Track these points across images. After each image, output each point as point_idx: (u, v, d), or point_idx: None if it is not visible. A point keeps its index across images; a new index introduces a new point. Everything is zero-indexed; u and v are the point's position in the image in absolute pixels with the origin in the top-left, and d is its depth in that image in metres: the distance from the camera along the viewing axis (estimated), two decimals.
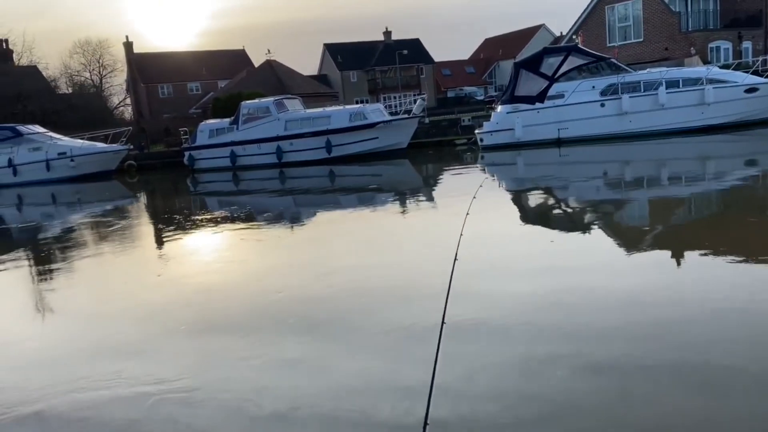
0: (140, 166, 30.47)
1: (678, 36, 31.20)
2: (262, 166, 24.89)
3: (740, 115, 20.08)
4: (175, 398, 3.82)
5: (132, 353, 4.73)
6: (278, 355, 4.39)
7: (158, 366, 4.38)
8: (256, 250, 8.75)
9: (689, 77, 20.50)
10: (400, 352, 4.14)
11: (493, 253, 6.76)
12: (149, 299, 6.33)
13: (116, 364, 4.48)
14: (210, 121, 28.45)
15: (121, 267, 8.40)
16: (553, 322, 4.50)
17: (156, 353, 4.70)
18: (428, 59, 61.14)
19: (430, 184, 16.30)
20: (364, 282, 6.10)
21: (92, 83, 60.63)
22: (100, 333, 5.39)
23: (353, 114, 24.55)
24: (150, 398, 3.84)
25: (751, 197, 9.91)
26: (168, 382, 4.04)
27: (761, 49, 32.32)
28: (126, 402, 3.84)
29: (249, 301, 5.87)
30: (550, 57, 21.34)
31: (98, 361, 4.63)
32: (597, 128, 20.75)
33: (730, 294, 4.85)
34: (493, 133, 22.38)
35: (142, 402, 3.81)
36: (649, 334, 4.15)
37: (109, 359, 4.63)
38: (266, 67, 45.14)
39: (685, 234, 7.54)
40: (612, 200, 10.73)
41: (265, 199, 16.11)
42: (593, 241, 7.51)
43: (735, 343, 3.87)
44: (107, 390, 4.03)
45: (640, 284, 5.30)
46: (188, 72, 55.50)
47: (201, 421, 3.53)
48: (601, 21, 34.00)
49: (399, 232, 9.04)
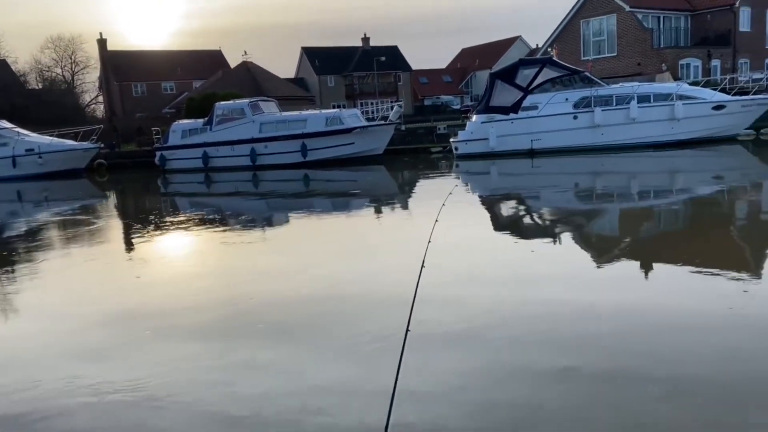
0: (111, 165, 29.96)
1: (650, 52, 31.87)
2: (236, 169, 24.67)
3: (708, 131, 20.56)
4: (143, 404, 3.73)
5: (96, 357, 4.62)
6: (247, 360, 4.32)
7: (124, 370, 4.28)
8: (226, 254, 8.64)
9: (660, 93, 20.92)
10: (366, 358, 4.13)
11: (460, 261, 6.79)
12: (115, 302, 6.20)
13: (80, 368, 4.37)
14: (183, 121, 28.12)
15: (87, 269, 8.22)
16: (519, 331, 4.53)
17: (121, 357, 4.59)
18: (406, 67, 61.39)
19: (403, 191, 16.33)
20: (333, 288, 6.07)
21: (63, 79, 59.55)
22: (62, 336, 5.26)
23: (329, 118, 24.49)
24: (116, 404, 3.76)
25: (718, 211, 10.12)
26: (134, 388, 3.95)
27: (729, 67, 33.19)
28: (90, 407, 3.74)
29: (218, 306, 5.78)
30: (525, 68, 21.60)
31: (61, 364, 4.52)
32: (569, 140, 21.04)
33: (698, 305, 4.93)
34: (467, 142, 22.53)
35: (107, 407, 3.72)
36: (616, 343, 4.20)
37: (72, 363, 4.52)
38: (242, 69, 44.82)
39: (653, 246, 7.66)
40: (582, 211, 10.87)
41: (238, 202, 15.96)
42: (561, 251, 7.58)
43: (703, 353, 3.93)
44: (69, 394, 3.93)
45: (609, 294, 5.36)
46: (163, 71, 54.82)
47: (168, 425, 3.46)
48: (576, 35, 34.56)
49: (369, 238, 9.03)
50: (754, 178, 14.23)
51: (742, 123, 21.21)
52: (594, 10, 33.61)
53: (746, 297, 5.14)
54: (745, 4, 33.55)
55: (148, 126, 33.24)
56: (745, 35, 34.16)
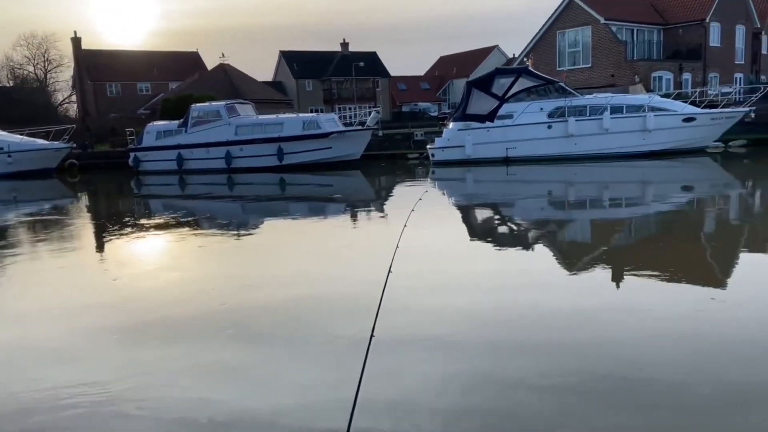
0: (83, 165, 29.49)
1: (624, 64, 32.45)
2: (210, 171, 24.48)
3: (678, 142, 20.98)
4: (108, 409, 3.67)
5: (60, 360, 4.54)
6: (213, 365, 4.28)
7: (90, 374, 4.21)
8: (196, 257, 8.56)
9: (632, 104, 21.31)
10: (331, 365, 4.12)
11: (428, 267, 6.82)
12: (82, 304, 6.10)
13: (43, 371, 4.29)
14: (158, 123, 27.84)
15: (54, 270, 8.07)
16: (487, 337, 4.56)
17: (87, 361, 4.51)
18: (384, 73, 61.56)
19: (379, 196, 16.35)
20: (298, 294, 6.05)
21: (36, 78, 58.55)
22: (26, 338, 5.15)
23: (307, 122, 24.44)
24: (81, 408, 3.69)
25: (688, 221, 10.33)
26: (100, 392, 3.88)
27: (700, 81, 33.95)
28: (54, 411, 3.67)
29: (186, 309, 5.72)
30: (501, 78, 21.84)
31: (26, 367, 4.42)
32: (544, 149, 21.30)
33: (669, 313, 5.01)
34: (444, 149, 22.68)
35: (71, 411, 3.66)
36: (587, 351, 4.24)
37: (38, 366, 4.43)
38: (219, 71, 44.50)
39: (624, 254, 7.79)
40: (553, 219, 10.99)
41: (211, 205, 15.83)
42: (531, 258, 7.66)
43: (674, 362, 3.98)
44: (32, 399, 3.84)
45: (579, 302, 5.43)
46: (139, 71, 54.16)
47: (132, 430, 3.41)
48: (552, 45, 35.05)
49: (339, 243, 9.02)
50: (722, 189, 14.56)
51: (711, 135, 21.71)
52: (570, 22, 34.12)
53: (715, 303, 5.26)
54: (715, 19, 34.38)
55: (122, 127, 32.82)
56: (716, 50, 34.99)
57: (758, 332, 4.52)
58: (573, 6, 33.65)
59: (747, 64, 37.92)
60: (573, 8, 33.70)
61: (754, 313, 4.99)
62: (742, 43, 37.07)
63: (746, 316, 4.93)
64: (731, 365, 3.95)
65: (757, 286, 5.89)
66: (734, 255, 7.43)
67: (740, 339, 4.40)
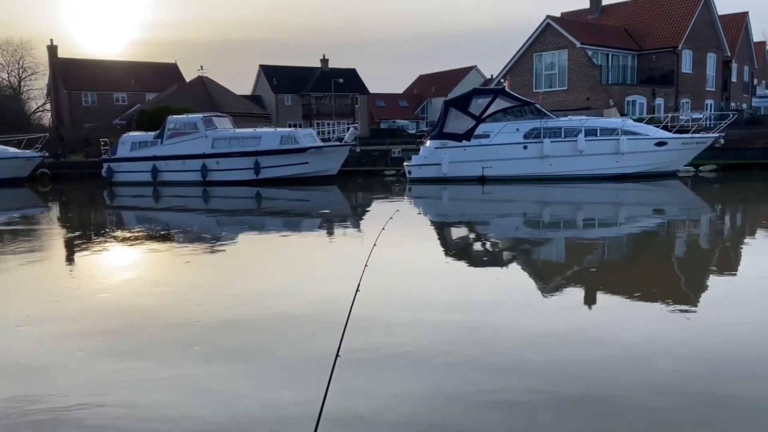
0: (55, 175, 29.04)
1: (599, 88, 33.09)
2: (186, 183, 24.26)
3: (650, 166, 21.39)
4: (69, 421, 3.59)
5: (22, 372, 4.41)
6: (173, 382, 4.19)
7: (52, 387, 4.10)
8: (165, 270, 8.44)
9: (606, 127, 21.71)
10: (295, 383, 4.07)
11: (396, 286, 6.81)
12: (48, 317, 5.95)
13: (2, 382, 4.16)
14: (133, 133, 27.59)
15: (19, 282, 7.88)
16: (453, 357, 4.54)
17: (49, 373, 4.38)
18: (363, 90, 61.89)
19: (354, 213, 16.33)
20: (263, 310, 5.98)
21: (9, 85, 57.66)
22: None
23: (284, 137, 24.43)
24: (41, 419, 3.60)
25: (659, 242, 10.49)
26: (66, 407, 3.78)
27: (672, 106, 34.73)
28: (14, 426, 3.55)
29: (151, 322, 5.62)
30: (478, 98, 22.11)
31: None
32: (519, 169, 21.55)
33: (641, 333, 5.04)
34: (421, 167, 22.81)
35: (30, 424, 3.55)
36: (559, 370, 4.24)
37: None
38: (198, 83, 44.33)
39: (596, 274, 7.86)
40: (527, 239, 11.08)
41: (184, 217, 15.65)
42: (505, 277, 7.69)
43: (643, 383, 3.99)
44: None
45: (550, 321, 5.45)
46: (115, 81, 53.65)
47: None
48: (529, 67, 35.60)
49: (308, 259, 8.96)
50: (693, 212, 14.85)
51: (682, 159, 22.19)
52: (547, 45, 34.74)
53: (684, 323, 5.32)
54: (687, 47, 35.30)
55: (97, 137, 32.43)
56: (687, 76, 35.88)
57: (729, 351, 4.58)
58: (550, 30, 34.29)
59: (718, 91, 38.93)
60: (550, 32, 34.34)
61: (723, 332, 5.07)
62: (713, 71, 38.08)
63: (716, 335, 5.00)
64: (701, 385, 3.99)
65: (726, 305, 5.98)
66: (704, 276, 7.56)
67: (711, 359, 4.45)
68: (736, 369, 4.25)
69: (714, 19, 36.90)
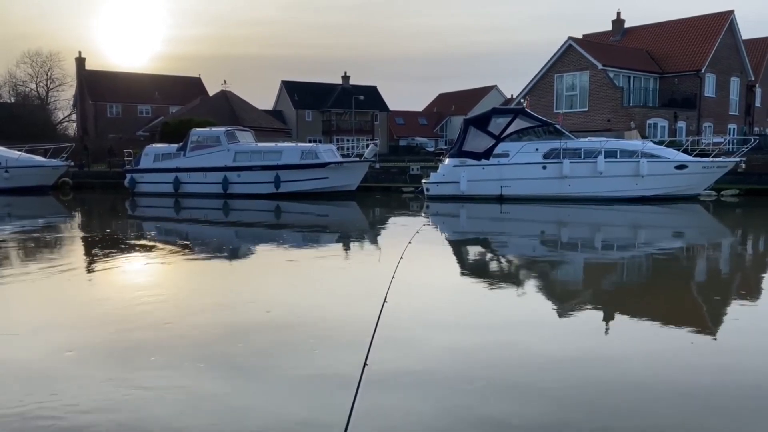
0: (78, 184, 29.55)
1: (620, 110, 32.99)
2: (207, 195, 24.53)
3: (670, 189, 21.23)
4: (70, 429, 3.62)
5: (29, 378, 4.48)
6: (193, 394, 4.20)
7: (58, 395, 4.15)
8: (183, 282, 8.55)
9: (626, 149, 21.61)
10: (320, 395, 4.10)
11: (422, 300, 6.85)
12: (60, 324, 6.06)
13: (5, 388, 4.25)
14: (156, 145, 28.00)
15: (34, 288, 8.01)
16: (475, 376, 4.56)
17: (55, 381, 4.44)
18: (383, 107, 62.31)
19: (373, 228, 16.41)
20: (289, 322, 6.03)
21: (37, 95, 58.90)
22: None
23: (305, 152, 24.65)
24: (41, 427, 3.64)
25: (678, 266, 10.41)
26: (70, 416, 3.81)
27: (694, 129, 34.51)
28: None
29: (169, 335, 5.65)
30: (498, 117, 22.16)
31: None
32: (537, 189, 21.51)
33: (659, 359, 5.01)
34: (439, 184, 22.86)
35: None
36: (575, 395, 4.22)
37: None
38: (221, 97, 44.96)
39: (614, 297, 7.83)
40: (546, 259, 11.05)
41: (205, 230, 15.83)
42: (524, 297, 7.68)
43: (656, 411, 3.96)
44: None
45: (569, 345, 5.43)
46: (140, 94, 54.63)
47: None
48: (549, 88, 35.63)
49: (334, 272, 9.04)
50: (714, 237, 14.70)
51: (703, 183, 21.99)
52: (568, 66, 34.78)
53: (699, 350, 5.28)
54: (710, 71, 35.13)
55: (121, 147, 32.97)
56: (710, 100, 35.66)
57: (743, 381, 4.54)
58: (572, 51, 34.34)
59: (741, 115, 38.62)
60: (572, 53, 34.40)
61: (740, 361, 5.02)
62: (736, 95, 37.81)
63: (732, 364, 4.95)
64: (713, 416, 3.95)
65: (744, 334, 5.93)
66: (723, 303, 7.49)
67: (725, 388, 4.42)
68: (763, 401, 4.20)
69: (738, 43, 36.73)
